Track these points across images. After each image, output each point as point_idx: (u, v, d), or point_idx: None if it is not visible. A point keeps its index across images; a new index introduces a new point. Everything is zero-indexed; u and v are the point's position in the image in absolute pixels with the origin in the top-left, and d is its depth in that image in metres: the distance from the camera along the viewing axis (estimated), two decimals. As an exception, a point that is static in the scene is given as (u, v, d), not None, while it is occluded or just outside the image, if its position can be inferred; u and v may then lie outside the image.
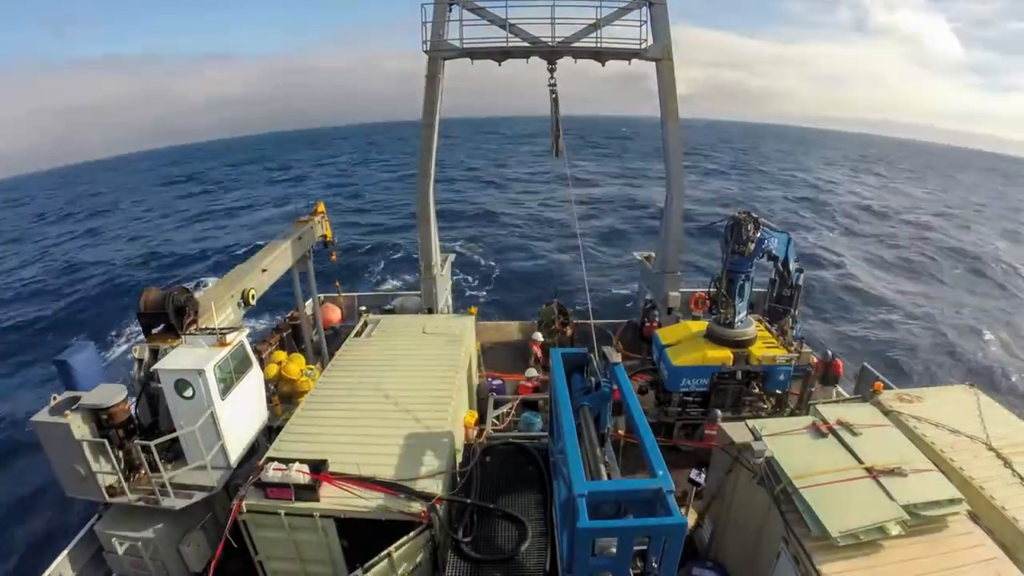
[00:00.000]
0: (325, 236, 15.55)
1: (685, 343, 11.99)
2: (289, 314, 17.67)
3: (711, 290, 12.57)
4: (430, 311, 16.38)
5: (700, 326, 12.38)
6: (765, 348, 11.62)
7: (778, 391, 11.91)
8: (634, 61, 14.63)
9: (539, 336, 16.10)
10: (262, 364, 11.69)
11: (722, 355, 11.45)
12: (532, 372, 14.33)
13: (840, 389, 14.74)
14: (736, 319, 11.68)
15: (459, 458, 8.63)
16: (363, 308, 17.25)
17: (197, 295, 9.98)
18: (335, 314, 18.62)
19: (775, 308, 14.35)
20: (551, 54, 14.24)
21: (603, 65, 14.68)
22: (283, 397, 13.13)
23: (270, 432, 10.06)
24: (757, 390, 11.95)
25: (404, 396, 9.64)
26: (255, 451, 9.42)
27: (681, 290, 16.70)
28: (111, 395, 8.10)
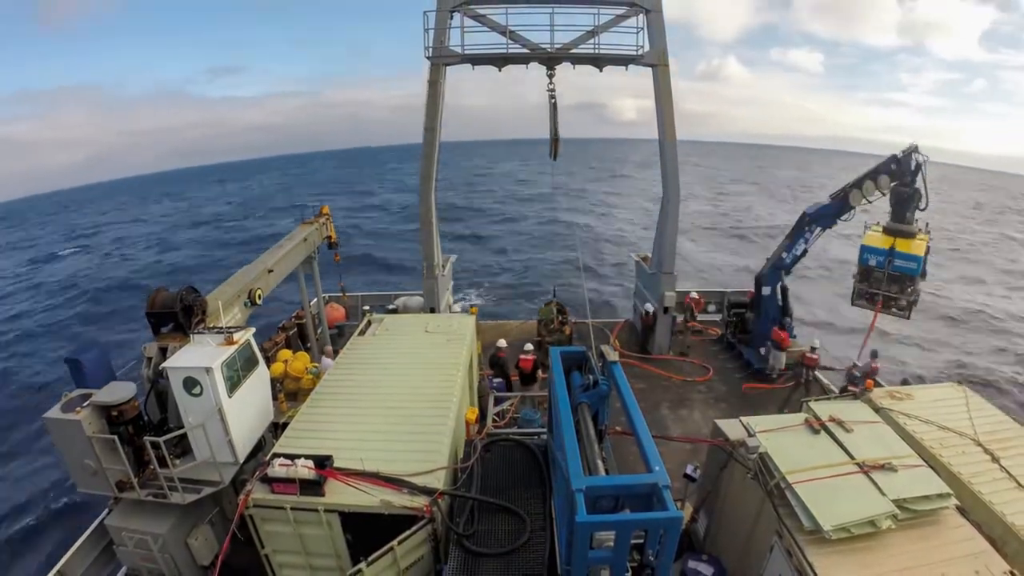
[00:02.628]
0: (330, 237, 15.56)
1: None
2: (295, 313, 17.68)
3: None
4: (432, 311, 16.39)
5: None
6: None
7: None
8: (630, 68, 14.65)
9: (530, 347, 14.34)
10: (268, 362, 11.68)
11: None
12: (530, 346, 14.25)
13: (832, 386, 14.80)
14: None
15: (460, 454, 8.62)
16: (367, 308, 17.28)
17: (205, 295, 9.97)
18: (339, 313, 18.63)
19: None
20: (550, 60, 14.25)
21: (600, 70, 14.71)
22: (288, 394, 13.13)
23: (276, 428, 10.07)
24: None
25: (407, 393, 9.63)
26: (261, 447, 9.41)
27: (676, 290, 16.74)
28: (121, 393, 8.10)
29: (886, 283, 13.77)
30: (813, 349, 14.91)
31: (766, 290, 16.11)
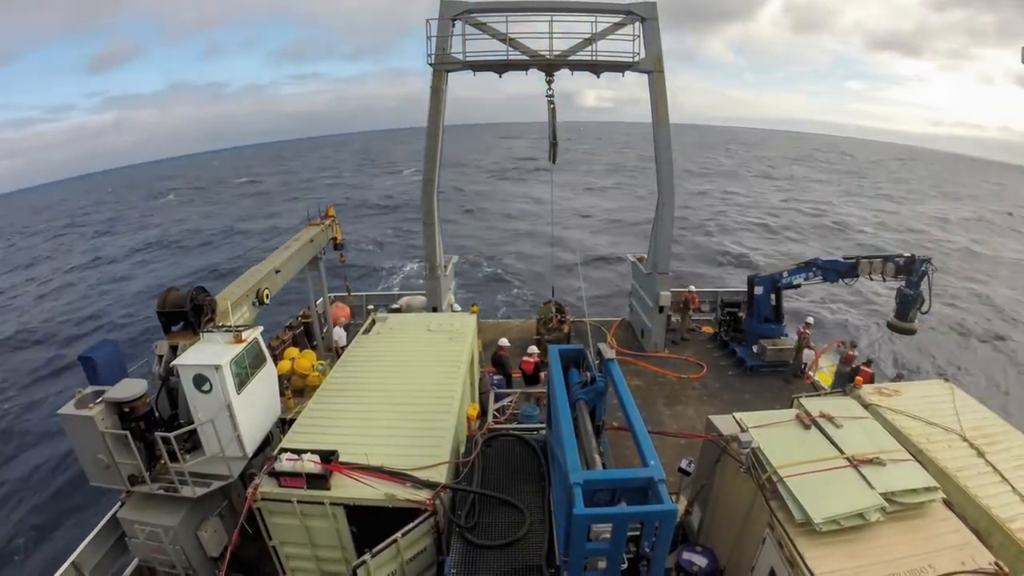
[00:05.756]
0: (335, 239, 15.56)
1: None
2: (301, 312, 17.69)
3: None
4: (435, 310, 16.40)
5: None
6: None
7: None
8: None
9: (534, 349, 14.23)
10: (275, 360, 11.69)
11: None
12: (534, 348, 14.22)
13: (822, 383, 14.79)
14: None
15: (462, 449, 8.63)
16: (371, 307, 17.30)
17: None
18: (344, 312, 18.63)
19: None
20: (549, 66, 14.25)
21: (598, 76, 14.72)
22: (295, 391, 13.15)
23: (283, 424, 10.07)
24: None
25: (410, 390, 9.63)
26: (269, 442, 9.43)
27: (672, 290, 16.74)
28: (133, 389, 8.10)
29: None
30: (869, 362, 14.25)
31: (758, 290, 16.12)
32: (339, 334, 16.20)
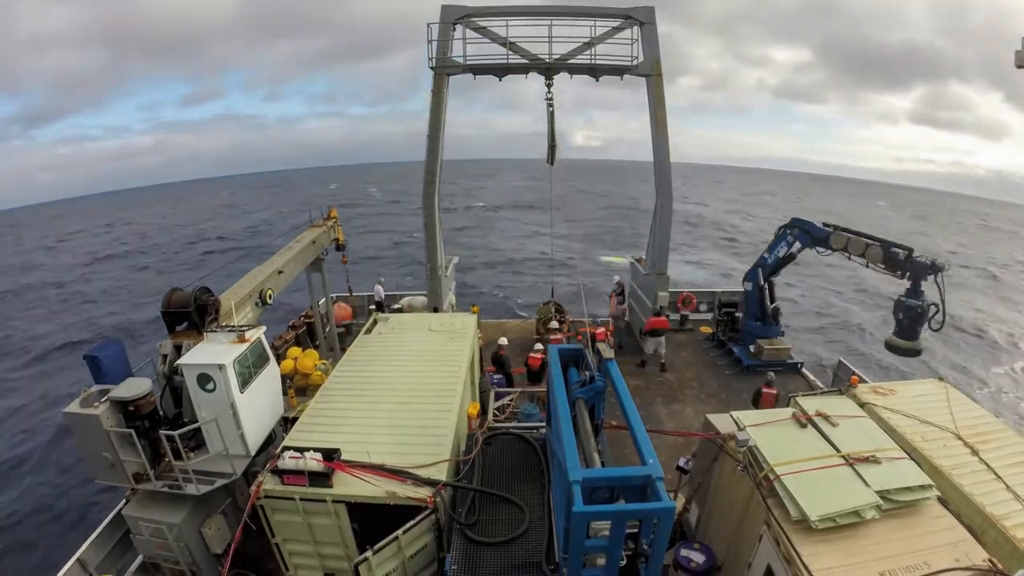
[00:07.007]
0: (337, 239, 15.54)
1: None
2: (304, 312, 17.67)
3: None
4: (436, 310, 16.39)
5: None
6: None
7: None
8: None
9: (540, 346, 14.32)
10: (278, 359, 11.67)
11: None
12: (540, 346, 14.21)
13: (818, 382, 14.82)
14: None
15: (462, 447, 8.62)
16: (372, 307, 17.28)
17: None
18: (346, 312, 18.62)
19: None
20: (548, 70, 14.27)
21: (597, 80, 14.73)
22: (298, 390, 13.11)
23: (286, 423, 10.06)
24: None
25: (411, 389, 9.62)
26: (272, 440, 9.41)
27: (670, 290, 16.76)
28: (138, 388, 8.08)
29: None
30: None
31: (747, 285, 16.12)
32: (378, 291, 18.93)
